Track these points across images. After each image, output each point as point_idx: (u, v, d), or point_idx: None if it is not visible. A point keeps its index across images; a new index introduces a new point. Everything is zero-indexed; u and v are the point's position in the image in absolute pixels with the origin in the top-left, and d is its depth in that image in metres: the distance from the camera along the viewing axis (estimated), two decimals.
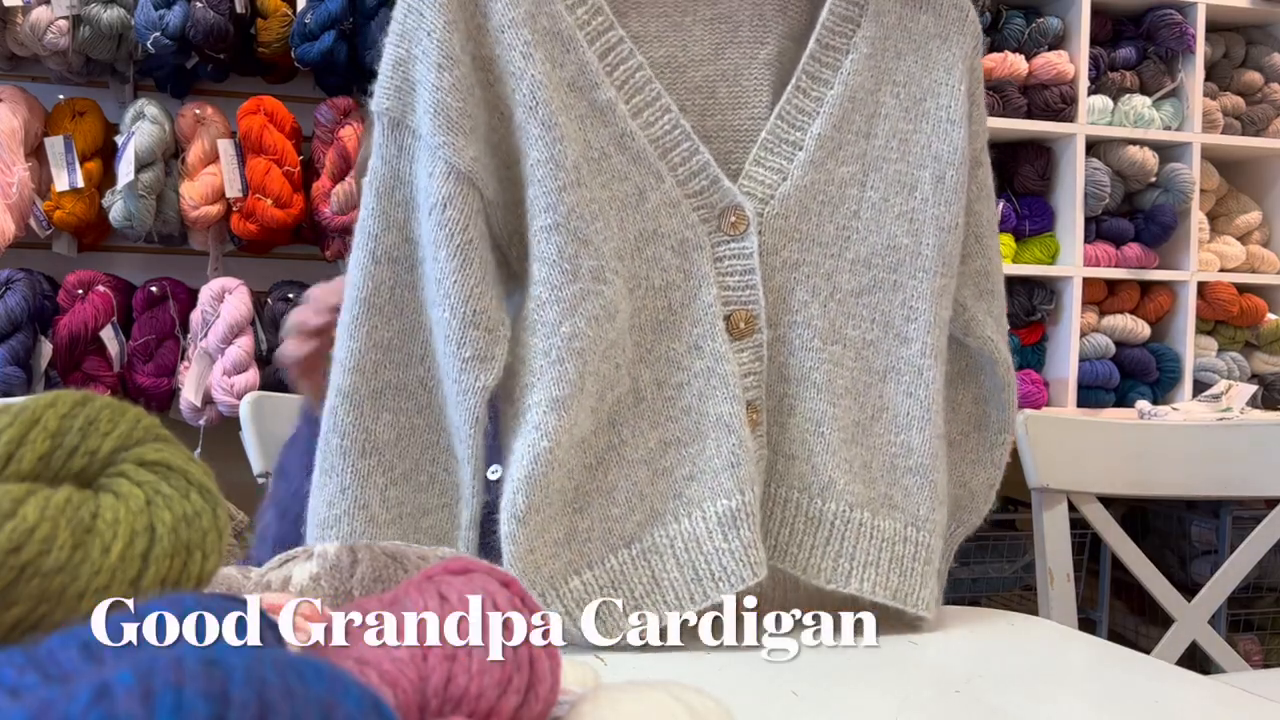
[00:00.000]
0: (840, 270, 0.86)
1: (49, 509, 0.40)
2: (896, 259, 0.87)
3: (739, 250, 0.82)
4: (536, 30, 0.76)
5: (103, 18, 2.20)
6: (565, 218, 0.76)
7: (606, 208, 0.78)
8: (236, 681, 0.26)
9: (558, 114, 0.76)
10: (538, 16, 0.77)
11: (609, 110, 0.79)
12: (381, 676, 0.39)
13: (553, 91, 0.76)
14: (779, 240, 0.84)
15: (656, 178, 0.80)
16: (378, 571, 0.71)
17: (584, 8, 0.79)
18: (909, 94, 0.88)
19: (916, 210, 0.87)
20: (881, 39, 0.87)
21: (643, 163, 0.80)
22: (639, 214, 0.80)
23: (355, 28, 2.31)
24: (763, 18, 0.86)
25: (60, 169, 2.23)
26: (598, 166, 0.78)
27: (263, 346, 2.32)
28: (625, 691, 0.47)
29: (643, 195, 0.80)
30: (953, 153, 0.87)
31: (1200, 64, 2.89)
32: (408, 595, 0.45)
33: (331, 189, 2.31)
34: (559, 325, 0.76)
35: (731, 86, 0.86)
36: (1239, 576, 1.40)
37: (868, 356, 0.87)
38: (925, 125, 0.88)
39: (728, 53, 0.86)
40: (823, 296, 0.85)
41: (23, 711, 0.25)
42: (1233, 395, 2.73)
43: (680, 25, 0.85)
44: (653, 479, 0.80)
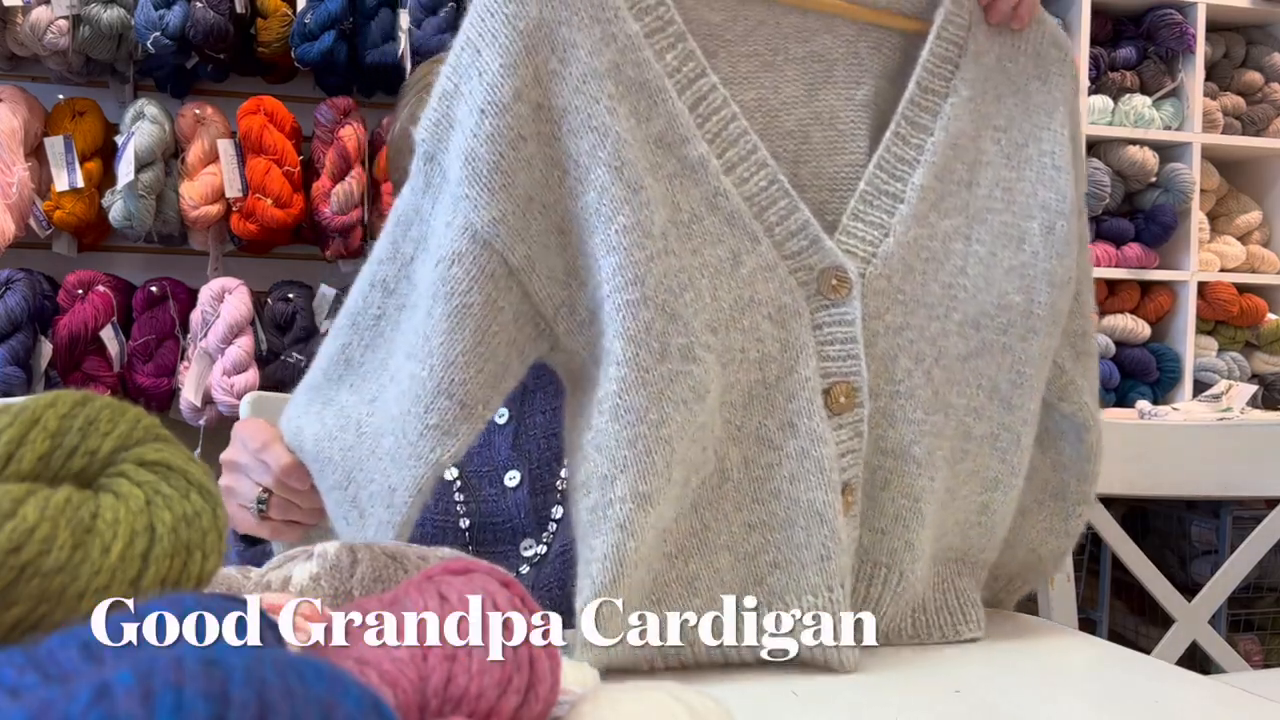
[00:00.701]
0: (947, 333, 0.79)
1: (49, 509, 0.40)
2: (1007, 319, 0.80)
3: (840, 316, 0.75)
4: (621, 81, 0.69)
5: (103, 18, 2.20)
6: (654, 290, 0.68)
7: (697, 276, 0.71)
8: (236, 681, 0.26)
9: (645, 175, 0.69)
10: (623, 66, 0.69)
11: (700, 167, 0.72)
12: (381, 676, 0.39)
13: (639, 150, 0.69)
14: (882, 303, 0.77)
15: (752, 240, 0.73)
16: (378, 571, 0.71)
17: (674, 53, 0.72)
18: (1010, 139, 0.82)
19: (1026, 265, 0.81)
20: (981, 81, 0.81)
21: (737, 224, 0.73)
22: (733, 281, 0.72)
23: (355, 28, 2.31)
24: (858, 56, 0.80)
25: (60, 169, 2.23)
26: (687, 231, 0.71)
27: (263, 346, 2.32)
28: (625, 691, 0.47)
29: (737, 260, 0.73)
30: (1061, 201, 0.82)
31: (1200, 64, 2.89)
32: (408, 595, 0.45)
33: (331, 189, 2.31)
34: (646, 411, 0.69)
35: (827, 131, 0.80)
36: (1239, 576, 1.40)
37: (969, 424, 0.81)
38: (1029, 172, 0.82)
39: (822, 94, 0.79)
40: (927, 363, 0.79)
41: (23, 711, 0.25)
42: (1233, 395, 2.73)
43: (771, 65, 0.78)
44: (734, 564, 0.74)
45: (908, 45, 0.81)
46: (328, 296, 2.37)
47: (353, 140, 2.32)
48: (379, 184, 2.38)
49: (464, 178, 0.69)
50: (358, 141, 2.34)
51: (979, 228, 0.80)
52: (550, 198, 0.70)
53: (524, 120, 0.69)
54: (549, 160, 0.70)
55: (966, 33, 0.80)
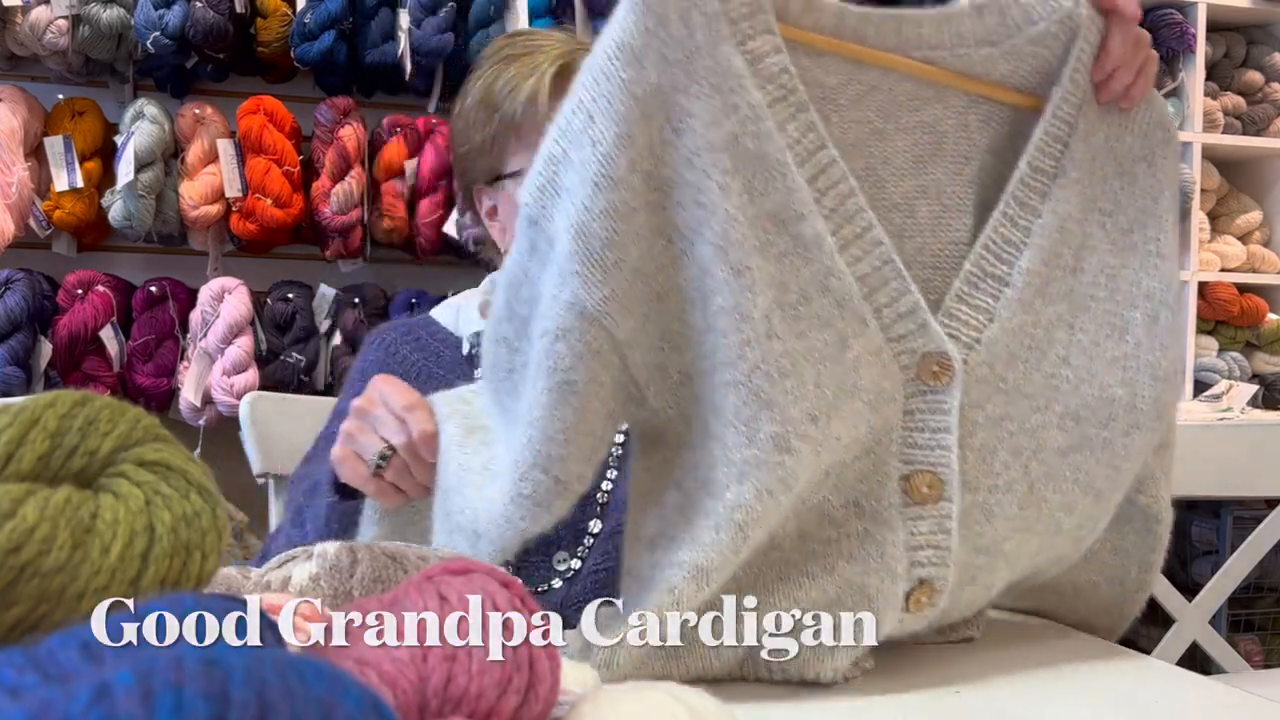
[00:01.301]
0: (1047, 426, 0.76)
1: (49, 509, 0.40)
2: (1109, 413, 0.77)
3: (936, 404, 0.71)
4: (738, 155, 0.65)
5: (102, 17, 2.19)
6: (748, 376, 0.65)
7: (801, 362, 0.66)
8: (236, 681, 0.26)
9: (751, 256, 0.65)
10: (742, 138, 0.65)
11: (815, 245, 0.67)
12: (381, 676, 0.39)
13: (749, 228, 0.65)
14: (983, 392, 0.73)
15: (861, 323, 0.69)
16: (378, 571, 0.71)
17: (795, 124, 0.67)
18: (1116, 224, 0.78)
19: (1129, 356, 0.77)
20: (1089, 161, 0.77)
21: (848, 306, 0.68)
22: (839, 367, 0.68)
23: (355, 28, 2.31)
24: (967, 129, 0.76)
25: (60, 169, 2.23)
26: (795, 313, 0.66)
27: (262, 346, 2.32)
28: (625, 691, 0.47)
29: (844, 344, 0.68)
30: (1165, 290, 0.79)
31: (1200, 64, 2.89)
32: (408, 595, 0.45)
33: (331, 189, 2.31)
34: (724, 490, 0.66)
35: (933, 206, 0.76)
36: (1239, 577, 1.40)
37: (1060, 519, 0.78)
38: (1134, 259, 0.79)
39: (930, 167, 0.75)
40: (1025, 456, 0.75)
41: (23, 711, 0.25)
42: (1233, 395, 2.73)
43: (882, 134, 0.74)
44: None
45: (1016, 120, 0.77)
46: (327, 296, 2.37)
47: (352, 140, 2.32)
48: (379, 184, 2.38)
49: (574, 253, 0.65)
50: (357, 141, 2.34)
51: (1082, 316, 0.77)
52: (652, 266, 0.67)
53: (636, 192, 0.65)
54: (654, 229, 0.67)
55: (1078, 111, 0.76)
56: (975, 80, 0.75)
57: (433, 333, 1.22)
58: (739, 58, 0.65)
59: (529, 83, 1.09)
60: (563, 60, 1.09)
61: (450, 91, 2.48)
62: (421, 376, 1.16)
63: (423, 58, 2.31)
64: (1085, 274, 0.77)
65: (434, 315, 1.25)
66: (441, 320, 1.24)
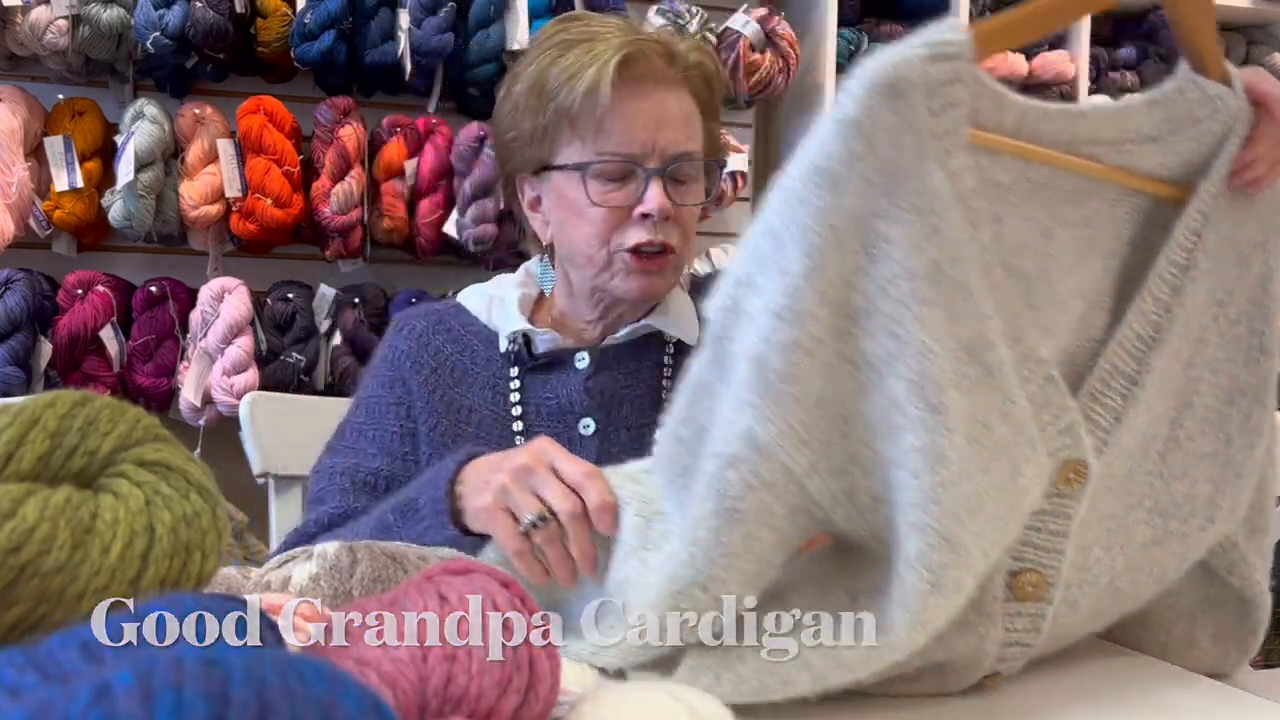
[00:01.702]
0: (1136, 521, 0.74)
1: (49, 509, 0.40)
2: (1191, 508, 0.76)
3: (1062, 508, 0.70)
4: (939, 282, 0.61)
5: (102, 18, 2.19)
6: (938, 519, 0.61)
7: (985, 499, 0.63)
8: (236, 681, 0.26)
9: (947, 391, 0.61)
10: (943, 264, 0.61)
11: (998, 372, 0.64)
12: (381, 676, 0.39)
13: (945, 361, 0.61)
14: (1099, 492, 0.71)
15: (1030, 446, 0.66)
16: (378, 571, 0.71)
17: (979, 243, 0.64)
18: (1226, 315, 0.76)
19: (1219, 453, 0.76)
20: (1216, 252, 0.74)
21: (1023, 432, 0.65)
22: (1011, 495, 0.65)
23: (355, 28, 2.31)
24: (1116, 222, 0.74)
25: (60, 169, 2.23)
26: (979, 446, 0.63)
27: (262, 346, 2.32)
28: (625, 691, 0.47)
29: (1017, 470, 0.65)
30: (1260, 386, 0.76)
31: None
32: (408, 595, 0.45)
33: (331, 189, 2.31)
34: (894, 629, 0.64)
35: (1082, 303, 0.73)
36: None
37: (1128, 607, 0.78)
38: (1238, 353, 0.77)
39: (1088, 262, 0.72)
40: (1114, 551, 0.74)
41: (23, 711, 0.25)
42: None
43: (1049, 231, 0.70)
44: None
45: (1155, 210, 0.75)
46: (328, 296, 2.37)
47: (353, 140, 2.32)
48: (379, 184, 2.38)
49: (751, 382, 0.63)
50: (357, 141, 2.33)
51: (1186, 412, 0.75)
52: (836, 392, 0.64)
53: (822, 324, 0.62)
54: (840, 356, 0.63)
55: (1214, 201, 0.74)
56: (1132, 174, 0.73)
57: (464, 323, 1.18)
58: (941, 176, 0.61)
59: (589, 72, 1.05)
60: (626, 50, 1.06)
61: (450, 92, 2.47)
62: (456, 372, 1.14)
63: (423, 58, 2.30)
64: (1195, 369, 0.75)
65: (463, 303, 1.21)
66: (471, 309, 1.20)
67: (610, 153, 1.07)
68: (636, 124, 1.07)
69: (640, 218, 1.07)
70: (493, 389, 1.14)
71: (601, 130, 1.07)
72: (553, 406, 1.13)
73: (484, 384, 1.14)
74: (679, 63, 1.10)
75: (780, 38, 2.53)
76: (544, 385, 1.13)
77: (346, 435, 1.14)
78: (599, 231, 1.09)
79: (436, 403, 1.12)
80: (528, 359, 1.14)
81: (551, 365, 1.14)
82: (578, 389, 1.12)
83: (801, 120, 2.70)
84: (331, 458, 1.13)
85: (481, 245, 2.35)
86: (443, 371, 1.14)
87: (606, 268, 1.10)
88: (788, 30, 2.56)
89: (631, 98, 1.06)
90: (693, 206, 1.11)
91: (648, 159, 1.07)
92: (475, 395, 1.13)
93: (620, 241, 1.09)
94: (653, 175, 1.07)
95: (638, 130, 1.07)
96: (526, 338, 1.14)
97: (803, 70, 2.68)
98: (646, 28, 1.14)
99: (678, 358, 1.15)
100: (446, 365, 1.14)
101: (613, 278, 1.10)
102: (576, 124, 1.07)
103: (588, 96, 1.05)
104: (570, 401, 1.12)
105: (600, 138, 1.07)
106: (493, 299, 1.19)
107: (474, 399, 1.13)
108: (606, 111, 1.05)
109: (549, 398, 1.13)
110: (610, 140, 1.07)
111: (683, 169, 1.10)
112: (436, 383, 1.13)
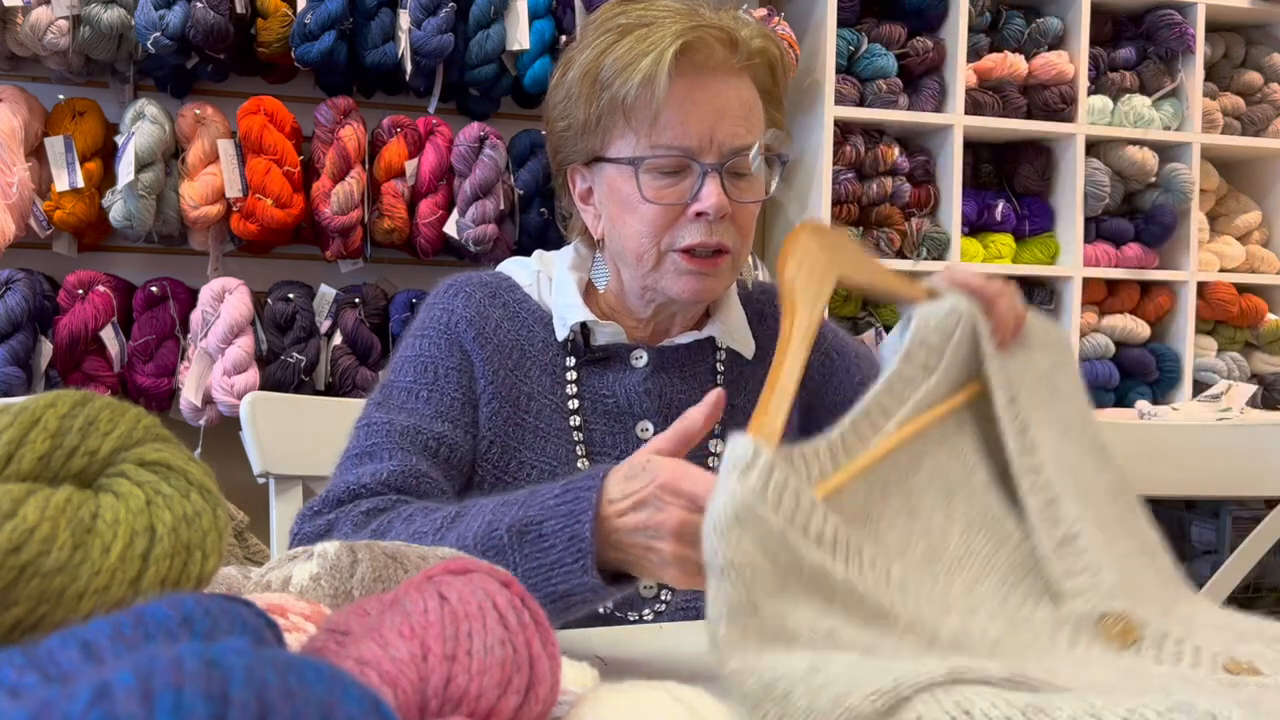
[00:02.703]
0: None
1: (49, 509, 0.40)
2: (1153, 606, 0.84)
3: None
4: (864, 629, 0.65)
5: (103, 18, 2.20)
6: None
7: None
8: (236, 681, 0.26)
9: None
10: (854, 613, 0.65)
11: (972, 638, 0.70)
12: (381, 676, 0.39)
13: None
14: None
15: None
16: (378, 571, 0.71)
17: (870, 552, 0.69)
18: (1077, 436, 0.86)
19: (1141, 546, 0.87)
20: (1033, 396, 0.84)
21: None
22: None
23: (355, 28, 2.31)
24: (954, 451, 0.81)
25: (60, 169, 2.23)
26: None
27: (263, 346, 2.32)
28: (625, 691, 0.47)
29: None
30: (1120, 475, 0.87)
31: (1200, 64, 2.89)
32: (408, 595, 0.45)
33: (331, 189, 2.31)
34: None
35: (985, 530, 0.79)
36: (1239, 576, 1.40)
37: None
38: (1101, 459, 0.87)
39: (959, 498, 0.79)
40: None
41: (23, 711, 0.25)
42: (1233, 395, 2.73)
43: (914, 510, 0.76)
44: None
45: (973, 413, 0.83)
46: (328, 296, 2.37)
47: (353, 140, 2.32)
48: (379, 184, 2.38)
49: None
50: (358, 141, 2.34)
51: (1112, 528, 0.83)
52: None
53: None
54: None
55: (1003, 369, 0.83)
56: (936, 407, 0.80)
57: (518, 299, 1.12)
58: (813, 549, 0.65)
59: (645, 61, 0.99)
60: (685, 38, 0.99)
61: (450, 92, 2.48)
62: (515, 353, 1.08)
63: (423, 58, 2.31)
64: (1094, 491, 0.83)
65: (513, 275, 1.14)
66: (520, 281, 1.13)
67: (665, 146, 1.01)
68: (693, 117, 1.00)
69: (695, 216, 1.02)
70: (551, 376, 1.09)
71: (656, 123, 1.01)
72: (610, 405, 1.09)
73: (542, 370, 1.09)
74: (742, 50, 1.03)
75: (780, 38, 2.53)
76: (600, 380, 1.09)
77: (395, 395, 1.06)
78: (651, 229, 1.03)
79: (500, 385, 1.06)
80: (584, 349, 1.09)
81: (608, 360, 1.10)
82: (637, 389, 1.08)
83: (802, 120, 2.70)
84: (385, 413, 1.03)
85: (481, 245, 2.35)
86: (504, 351, 1.08)
87: (657, 267, 1.05)
88: (788, 30, 2.56)
89: (689, 89, 1.00)
90: (752, 204, 1.05)
91: (704, 153, 1.01)
92: (534, 382, 1.08)
93: (673, 241, 1.03)
94: (709, 171, 1.01)
95: (694, 123, 1.00)
96: (584, 326, 1.09)
97: (803, 70, 2.68)
98: (704, 11, 1.03)
99: (730, 366, 1.13)
100: (506, 344, 1.08)
101: (663, 277, 1.05)
102: (631, 115, 1.01)
103: (643, 87, 0.99)
104: (629, 402, 1.08)
105: (655, 131, 1.01)
106: (540, 275, 1.13)
107: (533, 385, 1.08)
108: (662, 103, 1.00)
109: (607, 395, 1.09)
110: (665, 134, 1.01)
111: (742, 163, 1.03)
112: (500, 363, 1.07)
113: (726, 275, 1.06)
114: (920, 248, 2.71)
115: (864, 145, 2.68)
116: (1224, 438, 1.42)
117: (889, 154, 2.69)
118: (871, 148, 2.69)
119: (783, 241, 0.83)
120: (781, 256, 0.83)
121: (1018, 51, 2.81)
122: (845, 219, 2.67)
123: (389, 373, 1.09)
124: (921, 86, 2.71)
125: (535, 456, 1.07)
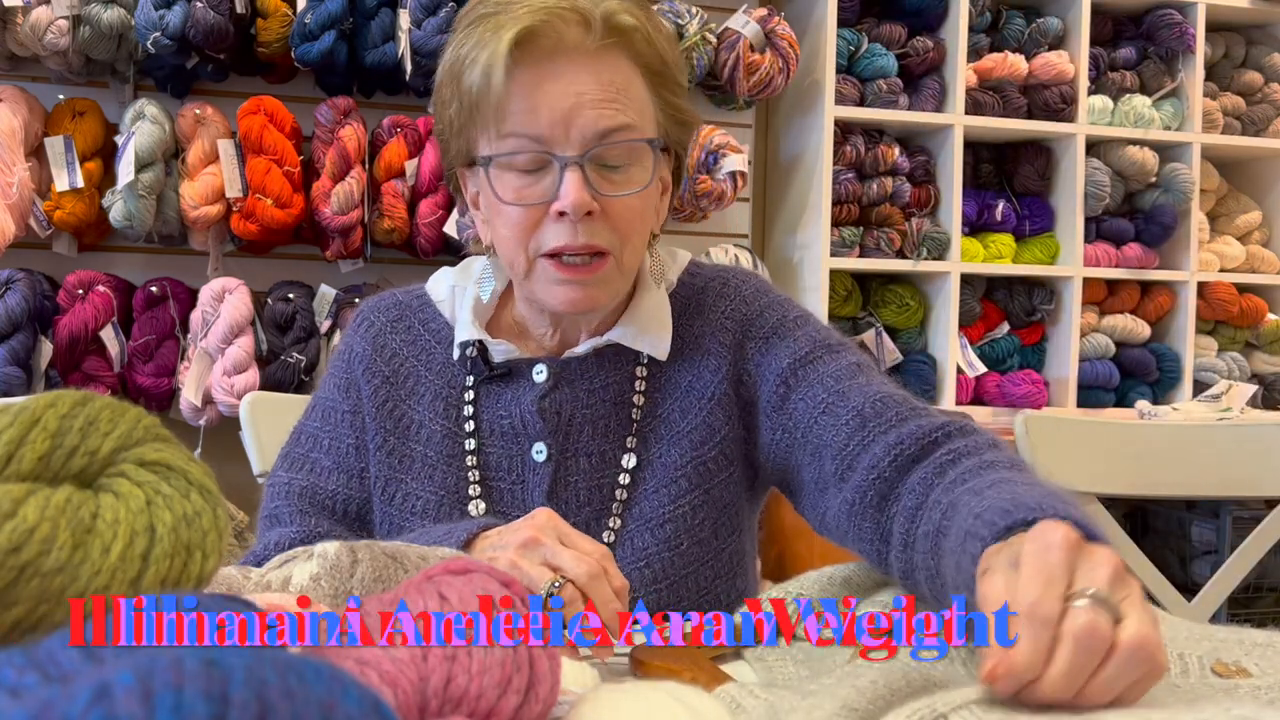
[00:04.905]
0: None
1: (49, 509, 0.40)
2: None
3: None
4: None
5: (103, 18, 2.20)
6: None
7: None
8: (236, 681, 0.26)
9: None
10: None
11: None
12: (381, 676, 0.39)
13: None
14: None
15: None
16: (378, 571, 0.71)
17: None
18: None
19: None
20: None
21: None
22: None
23: (355, 28, 2.31)
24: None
25: (60, 169, 2.23)
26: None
27: (263, 346, 2.32)
28: (625, 691, 0.47)
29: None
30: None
31: (1200, 64, 2.89)
32: (408, 595, 0.45)
33: (331, 189, 2.31)
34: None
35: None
36: (1239, 576, 1.40)
37: None
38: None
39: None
40: None
41: (23, 711, 0.26)
42: (1233, 395, 2.73)
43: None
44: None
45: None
46: (328, 296, 2.37)
47: (353, 140, 2.32)
48: (379, 184, 2.38)
49: None
50: (358, 141, 2.34)
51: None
52: None
53: None
54: None
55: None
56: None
57: (425, 320, 1.06)
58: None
59: (484, 54, 0.91)
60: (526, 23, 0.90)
61: None
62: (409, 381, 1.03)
63: (423, 58, 2.30)
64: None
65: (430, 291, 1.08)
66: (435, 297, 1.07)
67: (513, 137, 0.92)
68: (543, 105, 0.91)
69: (558, 216, 0.92)
70: (445, 400, 1.02)
71: (501, 116, 0.92)
72: (505, 426, 1.00)
73: (435, 394, 1.03)
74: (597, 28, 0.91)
75: (780, 38, 2.53)
76: (499, 400, 1.01)
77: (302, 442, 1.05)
78: (515, 233, 0.94)
79: (385, 417, 1.02)
80: (483, 367, 1.02)
81: (510, 377, 1.01)
82: (530, 408, 0.99)
83: (801, 120, 2.70)
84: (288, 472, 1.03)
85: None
86: (395, 380, 1.03)
87: (529, 274, 0.96)
88: (788, 30, 2.56)
89: (537, 77, 0.91)
90: (626, 197, 0.93)
91: (561, 145, 0.91)
92: (425, 409, 1.02)
93: (539, 244, 0.93)
94: (568, 164, 0.91)
95: (545, 112, 0.91)
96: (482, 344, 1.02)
97: (803, 70, 2.68)
98: None
99: (652, 373, 1.02)
100: (400, 374, 1.04)
101: (536, 286, 0.96)
102: (479, 111, 0.93)
103: (483, 80, 0.91)
104: (523, 422, 0.99)
105: (502, 124, 0.92)
106: (455, 289, 1.06)
107: (423, 412, 1.02)
108: (503, 95, 0.91)
109: (503, 415, 1.00)
110: (510, 125, 0.92)
111: (609, 153, 0.92)
112: (388, 394, 1.03)
113: (612, 280, 0.96)
114: (920, 248, 2.71)
115: (864, 145, 2.68)
116: (1224, 438, 1.42)
117: (889, 154, 2.69)
118: (872, 148, 2.69)
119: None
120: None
121: (1018, 51, 2.81)
122: (845, 219, 2.67)
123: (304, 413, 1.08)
124: (922, 86, 2.71)
125: (421, 487, 1.01)
